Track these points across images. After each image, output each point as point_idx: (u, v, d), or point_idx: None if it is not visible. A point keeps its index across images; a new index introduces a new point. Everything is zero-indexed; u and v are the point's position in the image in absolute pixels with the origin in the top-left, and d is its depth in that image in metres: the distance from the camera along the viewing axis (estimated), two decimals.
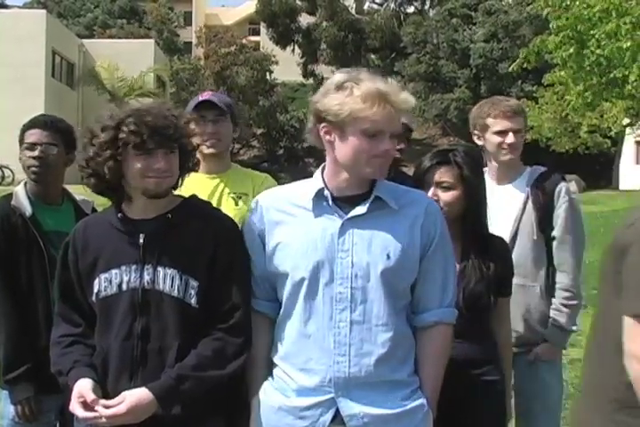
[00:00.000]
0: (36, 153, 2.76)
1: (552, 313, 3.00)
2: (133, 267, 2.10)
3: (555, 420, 3.04)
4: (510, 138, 2.98)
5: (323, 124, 2.04)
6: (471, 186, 2.52)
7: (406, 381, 2.09)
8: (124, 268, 2.10)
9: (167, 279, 2.08)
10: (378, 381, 2.04)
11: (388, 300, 2.07)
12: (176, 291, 2.08)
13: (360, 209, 2.08)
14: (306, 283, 2.06)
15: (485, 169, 3.00)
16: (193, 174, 2.91)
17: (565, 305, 2.99)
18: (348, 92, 2.00)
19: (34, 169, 2.78)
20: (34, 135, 2.79)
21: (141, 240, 2.11)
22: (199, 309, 2.09)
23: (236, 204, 2.87)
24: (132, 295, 2.10)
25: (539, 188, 3.04)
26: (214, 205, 2.81)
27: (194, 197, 2.27)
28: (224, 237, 2.15)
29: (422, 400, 2.09)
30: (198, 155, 2.94)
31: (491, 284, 2.49)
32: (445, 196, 2.51)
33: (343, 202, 2.09)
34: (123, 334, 2.09)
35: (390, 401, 2.04)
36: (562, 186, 3.03)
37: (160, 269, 2.09)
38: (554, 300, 2.99)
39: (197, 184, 2.85)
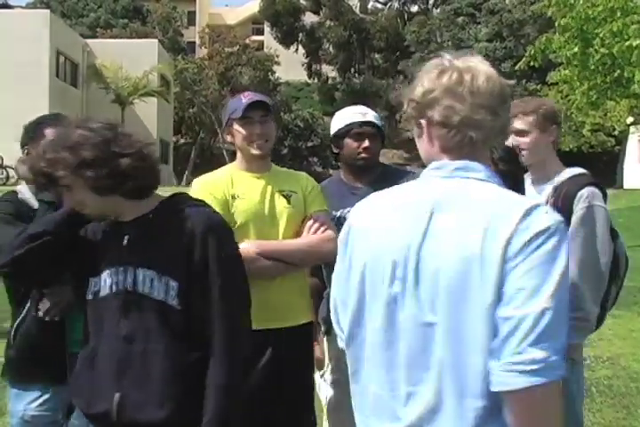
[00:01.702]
0: None
1: None
2: (120, 269, 2.09)
3: None
4: (513, 140, 2.93)
5: None
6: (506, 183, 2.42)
7: None
8: (113, 269, 2.10)
9: (147, 281, 2.06)
10: None
11: None
12: (156, 293, 2.05)
13: None
14: None
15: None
16: (239, 173, 2.92)
17: None
18: None
19: None
20: None
21: (125, 242, 2.11)
22: (182, 310, 2.05)
23: (289, 202, 2.87)
24: (117, 297, 2.09)
25: (562, 190, 2.89)
26: (267, 203, 2.83)
27: (179, 194, 2.23)
28: (200, 233, 2.06)
29: None
30: (240, 155, 2.94)
31: None
32: None
33: None
34: (111, 336, 2.09)
35: None
36: (585, 191, 2.85)
37: (140, 270, 2.07)
38: None
39: (246, 184, 2.87)
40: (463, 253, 1.48)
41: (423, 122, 1.66)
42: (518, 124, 2.98)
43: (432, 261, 1.52)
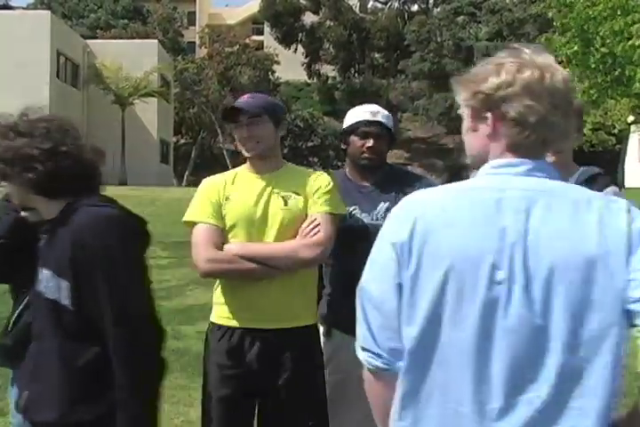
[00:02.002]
0: None
1: None
2: (39, 269, 2.15)
3: None
4: None
5: None
6: None
7: None
8: (37, 271, 2.16)
9: (44, 281, 2.09)
10: None
11: None
12: (49, 292, 2.07)
13: None
14: None
15: None
16: (243, 174, 2.89)
17: None
18: None
19: None
20: None
21: (41, 242, 2.17)
22: (74, 311, 2.03)
23: (285, 204, 2.81)
24: (34, 298, 2.19)
25: None
26: (261, 205, 2.78)
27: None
28: (84, 233, 2.02)
29: None
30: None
31: None
32: None
33: None
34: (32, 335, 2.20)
35: None
36: (609, 190, 2.84)
37: (43, 270, 2.11)
38: None
39: (244, 185, 2.85)
40: (582, 250, 1.45)
41: (489, 115, 1.56)
42: None
43: (543, 261, 1.45)
